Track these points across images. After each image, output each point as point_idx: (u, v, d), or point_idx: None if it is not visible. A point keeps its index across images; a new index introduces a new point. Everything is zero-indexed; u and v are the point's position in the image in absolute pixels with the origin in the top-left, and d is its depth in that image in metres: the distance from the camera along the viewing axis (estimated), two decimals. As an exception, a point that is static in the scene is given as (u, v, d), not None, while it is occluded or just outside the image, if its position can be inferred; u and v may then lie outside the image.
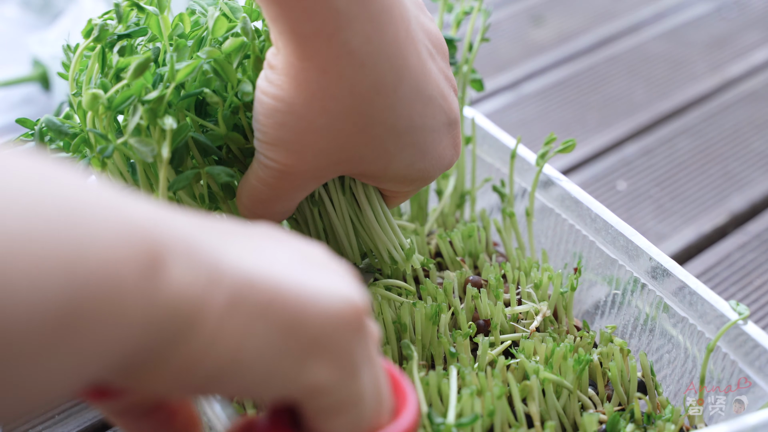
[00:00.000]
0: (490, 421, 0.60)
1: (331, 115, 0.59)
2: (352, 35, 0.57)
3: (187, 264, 0.39)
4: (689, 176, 1.12)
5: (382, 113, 0.60)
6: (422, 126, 0.62)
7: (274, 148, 0.61)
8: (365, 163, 0.62)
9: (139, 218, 0.39)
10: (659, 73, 1.33)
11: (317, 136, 0.60)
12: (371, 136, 0.61)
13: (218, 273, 0.41)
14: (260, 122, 0.60)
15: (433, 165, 0.65)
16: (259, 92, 0.60)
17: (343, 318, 0.44)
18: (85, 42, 0.66)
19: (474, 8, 0.82)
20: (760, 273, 0.96)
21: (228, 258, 0.42)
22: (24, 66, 1.24)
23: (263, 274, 0.42)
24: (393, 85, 0.59)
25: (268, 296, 0.42)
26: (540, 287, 0.72)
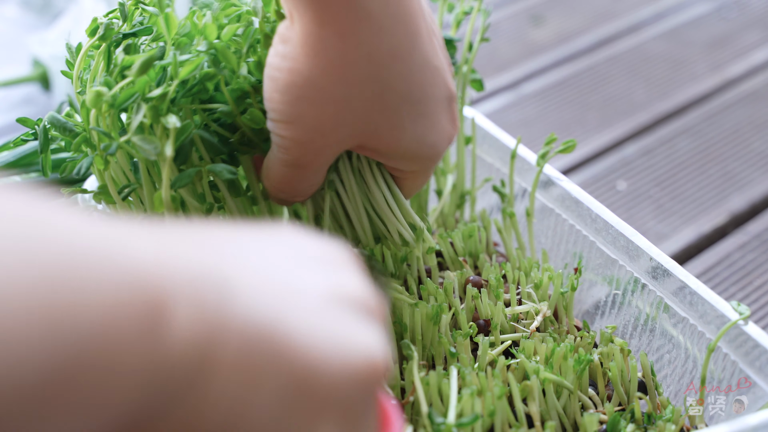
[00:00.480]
0: (491, 421, 0.60)
1: (350, 82, 0.58)
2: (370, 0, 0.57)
3: (192, 313, 0.36)
4: (689, 176, 1.12)
5: (398, 80, 0.60)
6: (432, 96, 0.63)
7: (292, 126, 0.60)
8: (380, 133, 0.62)
9: (140, 264, 0.35)
10: (659, 73, 1.33)
11: (336, 106, 0.59)
12: (387, 105, 0.60)
13: (226, 322, 0.37)
14: (275, 100, 0.59)
15: (441, 138, 0.65)
16: (271, 69, 0.59)
17: (359, 380, 0.41)
18: (89, 40, 0.66)
19: (474, 8, 0.82)
20: (760, 273, 0.96)
21: (238, 302, 0.38)
22: (24, 66, 1.24)
23: (275, 322, 0.39)
24: (408, 51, 0.59)
25: (280, 350, 0.38)
26: (540, 287, 0.72)
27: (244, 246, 0.42)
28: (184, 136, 0.60)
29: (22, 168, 0.86)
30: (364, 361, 0.41)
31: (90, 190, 0.70)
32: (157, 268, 0.36)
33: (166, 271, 0.36)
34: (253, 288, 0.39)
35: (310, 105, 0.59)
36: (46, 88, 1.21)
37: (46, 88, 1.21)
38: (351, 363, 0.40)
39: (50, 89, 1.21)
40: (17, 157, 0.86)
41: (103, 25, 0.65)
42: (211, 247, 0.40)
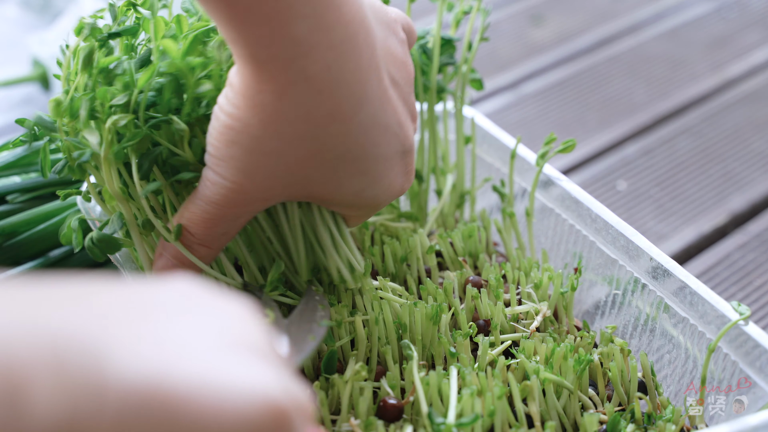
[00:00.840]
0: (491, 421, 0.60)
1: (285, 139, 0.58)
2: (311, 63, 0.56)
3: (54, 384, 0.33)
4: (689, 176, 1.12)
5: (336, 140, 0.59)
6: (375, 155, 0.62)
7: (224, 164, 0.60)
8: (314, 186, 0.61)
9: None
10: (659, 73, 1.33)
11: (269, 158, 0.59)
12: (322, 162, 0.60)
13: (101, 387, 0.34)
14: (213, 137, 0.60)
15: (384, 192, 0.64)
16: (216, 108, 0.60)
17: (258, 426, 0.37)
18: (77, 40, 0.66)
19: (473, 8, 0.82)
20: (760, 273, 0.96)
21: (113, 360, 0.35)
22: (24, 66, 1.24)
23: (158, 380, 0.35)
24: (350, 114, 0.59)
25: (164, 409, 0.35)
26: (540, 287, 0.72)
27: (122, 302, 0.39)
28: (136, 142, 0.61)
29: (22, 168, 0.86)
30: (262, 406, 0.38)
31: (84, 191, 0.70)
32: (16, 340, 0.33)
33: (25, 343, 0.33)
34: (131, 345, 0.36)
35: (243, 151, 0.59)
36: (46, 88, 1.21)
37: (46, 88, 1.21)
38: (246, 410, 0.37)
39: (50, 89, 1.21)
40: (17, 156, 0.86)
41: (88, 24, 0.65)
42: (82, 309, 0.37)
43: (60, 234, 0.70)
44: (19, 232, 0.82)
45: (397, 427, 0.61)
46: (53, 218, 0.82)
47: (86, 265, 0.85)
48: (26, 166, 0.86)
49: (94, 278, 0.39)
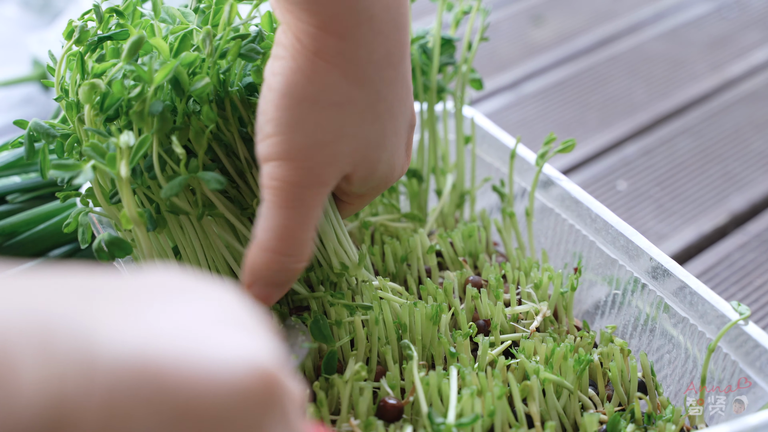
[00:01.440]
0: (491, 421, 0.60)
1: (351, 81, 0.58)
2: (374, 2, 0.57)
3: (42, 361, 0.33)
4: (689, 176, 1.12)
5: (387, 88, 0.60)
6: (405, 115, 0.62)
7: (290, 136, 0.57)
8: (369, 151, 0.60)
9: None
10: (659, 73, 1.33)
11: (336, 110, 0.58)
12: (377, 114, 0.60)
13: (90, 362, 0.34)
14: (271, 110, 0.57)
15: (398, 164, 0.64)
16: (269, 77, 0.58)
17: (247, 392, 0.37)
18: (66, 43, 0.66)
19: (473, 8, 0.82)
20: (760, 273, 0.96)
21: (102, 337, 0.35)
22: (24, 66, 1.24)
23: (145, 354, 0.35)
24: (398, 58, 0.60)
25: (153, 382, 0.35)
26: (540, 287, 0.72)
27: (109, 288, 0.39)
28: (141, 152, 0.59)
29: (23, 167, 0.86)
30: (250, 371, 0.37)
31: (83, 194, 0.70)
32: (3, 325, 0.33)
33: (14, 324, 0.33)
34: (117, 324, 0.36)
35: (310, 107, 0.57)
36: (46, 88, 1.21)
37: (46, 88, 1.21)
38: (236, 376, 0.37)
39: (50, 89, 1.21)
40: (17, 157, 0.86)
41: (78, 27, 0.65)
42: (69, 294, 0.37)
43: (63, 227, 0.69)
44: (19, 232, 0.82)
45: (397, 427, 0.61)
46: (53, 218, 0.82)
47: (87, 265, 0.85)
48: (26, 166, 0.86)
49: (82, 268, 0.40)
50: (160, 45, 0.61)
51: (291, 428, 0.40)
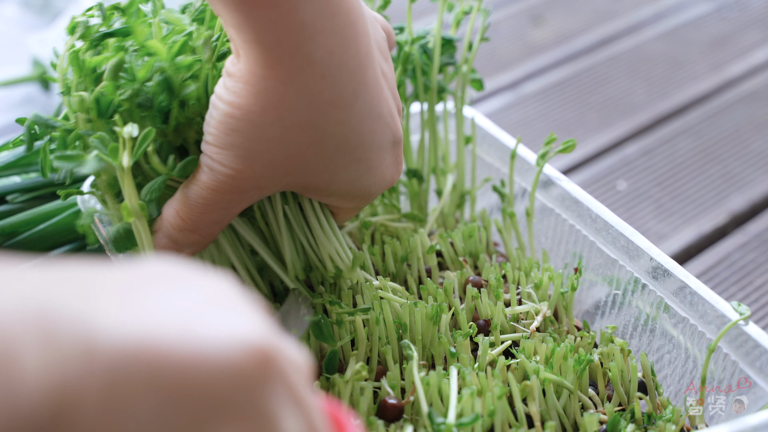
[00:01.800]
0: (491, 421, 0.60)
1: (286, 125, 0.59)
2: (316, 48, 0.57)
3: (45, 350, 0.34)
4: (689, 176, 1.12)
5: (336, 127, 0.60)
6: (370, 143, 0.63)
7: (224, 152, 0.60)
8: (311, 174, 0.62)
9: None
10: (659, 73, 1.33)
11: (269, 144, 0.60)
12: (322, 149, 0.61)
13: (90, 348, 0.35)
14: (213, 126, 0.60)
15: (376, 182, 0.65)
16: (215, 98, 0.60)
17: (242, 370, 0.38)
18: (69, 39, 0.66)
19: (473, 8, 0.82)
20: (760, 273, 0.96)
21: (101, 324, 0.36)
22: (24, 66, 1.24)
23: (142, 338, 0.36)
24: (350, 100, 0.60)
25: (151, 365, 0.36)
26: (540, 287, 0.72)
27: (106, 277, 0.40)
28: (145, 144, 0.60)
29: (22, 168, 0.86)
30: (245, 349, 0.38)
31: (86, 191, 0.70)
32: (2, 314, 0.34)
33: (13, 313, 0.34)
34: (113, 311, 0.37)
35: (244, 138, 0.60)
36: (46, 88, 1.21)
37: (46, 88, 1.21)
38: (230, 355, 0.38)
39: (50, 89, 1.21)
40: (17, 156, 0.86)
41: (82, 23, 0.65)
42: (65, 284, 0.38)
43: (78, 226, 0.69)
44: (19, 232, 0.82)
45: (397, 427, 0.61)
46: (53, 218, 0.82)
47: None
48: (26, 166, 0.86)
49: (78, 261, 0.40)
50: (156, 47, 0.61)
51: (297, 398, 0.40)
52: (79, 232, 0.72)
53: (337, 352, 0.65)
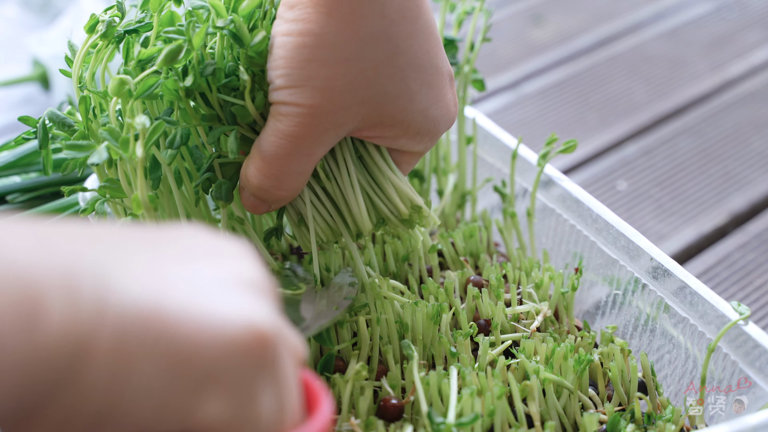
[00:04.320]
0: (491, 421, 0.60)
1: (363, 39, 0.59)
2: None
3: (66, 302, 0.37)
4: (689, 176, 1.12)
5: (406, 41, 0.60)
6: (436, 66, 0.63)
7: (300, 89, 0.60)
8: (388, 101, 0.61)
9: (15, 262, 0.37)
10: (659, 73, 1.34)
11: (347, 66, 0.59)
12: (396, 67, 0.61)
13: (102, 307, 0.38)
14: (282, 66, 0.59)
15: (443, 114, 0.65)
16: (279, 36, 0.60)
17: (240, 347, 0.41)
18: (88, 37, 0.66)
19: (475, 8, 0.82)
20: (760, 273, 0.96)
21: (116, 286, 0.39)
22: (24, 66, 1.24)
23: (154, 303, 0.40)
24: (415, 12, 0.60)
25: (157, 329, 0.39)
26: (541, 287, 0.72)
27: (131, 240, 0.43)
28: (156, 135, 0.60)
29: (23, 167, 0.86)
30: (246, 329, 0.41)
31: (90, 188, 0.70)
32: (33, 264, 0.37)
33: (41, 266, 0.37)
34: (134, 274, 0.40)
35: (320, 66, 0.59)
36: (46, 88, 1.21)
37: (46, 88, 1.21)
38: (232, 333, 0.41)
39: (50, 89, 1.21)
40: (17, 156, 0.86)
41: (105, 22, 0.65)
42: (94, 242, 0.41)
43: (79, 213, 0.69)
44: (19, 232, 0.82)
45: (397, 426, 0.62)
46: (53, 218, 0.82)
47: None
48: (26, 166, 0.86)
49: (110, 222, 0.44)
50: (216, 4, 0.61)
51: (281, 381, 0.43)
52: None
53: (334, 355, 0.65)
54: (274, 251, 0.77)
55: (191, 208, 0.71)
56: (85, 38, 0.67)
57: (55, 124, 0.66)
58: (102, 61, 0.66)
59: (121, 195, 0.67)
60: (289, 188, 0.63)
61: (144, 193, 0.61)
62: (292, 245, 0.78)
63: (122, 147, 0.59)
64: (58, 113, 0.67)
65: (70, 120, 0.66)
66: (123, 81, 0.61)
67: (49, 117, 0.66)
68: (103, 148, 0.59)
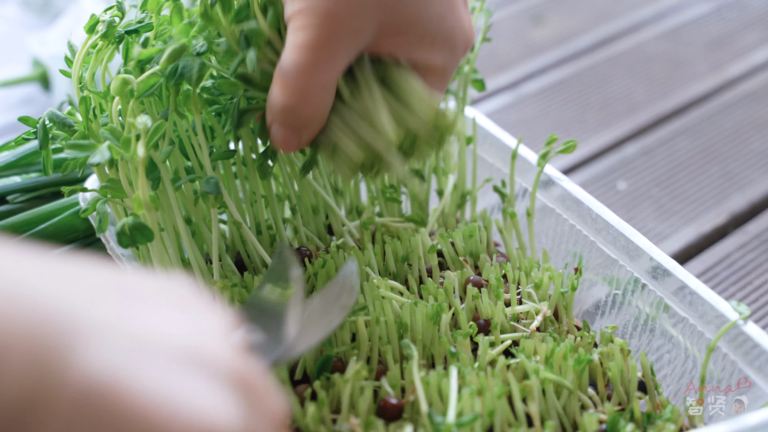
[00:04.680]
0: (490, 421, 0.60)
1: None
2: None
3: (26, 359, 0.36)
4: (689, 176, 1.12)
5: None
6: None
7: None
8: (402, 4, 0.61)
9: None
10: (659, 73, 1.34)
11: None
12: None
13: (62, 372, 0.37)
14: None
15: (458, 26, 0.64)
16: None
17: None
18: (88, 37, 0.66)
19: (476, 8, 0.82)
20: (760, 273, 0.96)
21: (80, 352, 0.38)
22: (24, 66, 1.24)
23: (116, 379, 0.38)
24: None
25: (116, 406, 0.38)
26: (540, 287, 0.72)
27: (111, 285, 0.41)
28: (157, 135, 0.60)
29: (23, 168, 0.86)
30: (202, 427, 0.39)
31: (91, 189, 0.70)
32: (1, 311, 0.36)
33: (8, 314, 0.36)
34: (100, 336, 0.39)
35: None
36: (46, 88, 1.21)
37: (46, 88, 1.21)
38: (189, 428, 0.39)
39: (50, 89, 1.21)
40: (17, 156, 0.86)
41: (105, 22, 0.65)
42: (68, 294, 0.39)
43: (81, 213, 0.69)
44: (19, 232, 0.82)
45: (397, 426, 0.62)
46: (53, 218, 0.82)
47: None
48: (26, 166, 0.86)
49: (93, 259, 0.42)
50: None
51: None
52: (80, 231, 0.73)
53: (332, 357, 0.65)
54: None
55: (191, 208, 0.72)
56: (85, 38, 0.67)
57: (55, 124, 0.66)
58: (102, 61, 0.67)
59: (122, 195, 0.67)
60: (314, 106, 0.62)
61: (145, 193, 0.61)
62: (292, 245, 0.78)
63: (124, 147, 0.59)
64: (59, 113, 0.67)
65: (71, 120, 0.66)
66: (126, 80, 0.61)
67: (50, 117, 0.67)
68: (105, 147, 0.59)
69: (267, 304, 0.59)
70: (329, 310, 0.63)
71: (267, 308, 0.59)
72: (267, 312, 0.58)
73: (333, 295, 0.65)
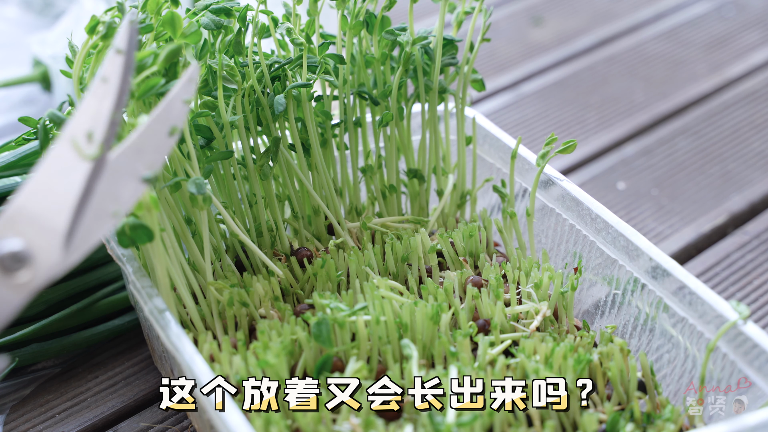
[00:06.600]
0: (490, 421, 0.60)
1: None
2: None
3: None
4: (689, 176, 1.12)
5: None
6: None
7: None
8: None
9: None
10: (659, 73, 1.34)
11: None
12: None
13: None
14: None
15: None
16: None
17: None
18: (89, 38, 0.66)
19: (475, 8, 0.82)
20: (760, 273, 0.96)
21: None
22: (25, 66, 1.24)
23: None
24: None
25: None
26: (540, 287, 0.72)
27: None
28: None
29: (23, 168, 0.86)
30: None
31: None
32: None
33: None
34: None
35: None
36: (47, 89, 1.21)
37: (47, 88, 1.21)
38: None
39: (51, 89, 1.21)
40: (18, 157, 0.86)
41: (106, 23, 0.65)
42: None
43: None
44: (20, 232, 0.82)
45: (397, 426, 0.62)
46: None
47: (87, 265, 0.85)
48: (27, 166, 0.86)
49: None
50: None
51: None
52: None
53: (332, 356, 0.65)
54: (277, 251, 0.77)
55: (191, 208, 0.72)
56: (86, 39, 0.67)
57: (55, 124, 0.67)
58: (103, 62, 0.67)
59: None
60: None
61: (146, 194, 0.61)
62: (293, 245, 0.78)
63: None
64: (59, 114, 0.67)
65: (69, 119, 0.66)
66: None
67: (50, 117, 0.67)
68: None
69: None
70: None
71: None
72: None
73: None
